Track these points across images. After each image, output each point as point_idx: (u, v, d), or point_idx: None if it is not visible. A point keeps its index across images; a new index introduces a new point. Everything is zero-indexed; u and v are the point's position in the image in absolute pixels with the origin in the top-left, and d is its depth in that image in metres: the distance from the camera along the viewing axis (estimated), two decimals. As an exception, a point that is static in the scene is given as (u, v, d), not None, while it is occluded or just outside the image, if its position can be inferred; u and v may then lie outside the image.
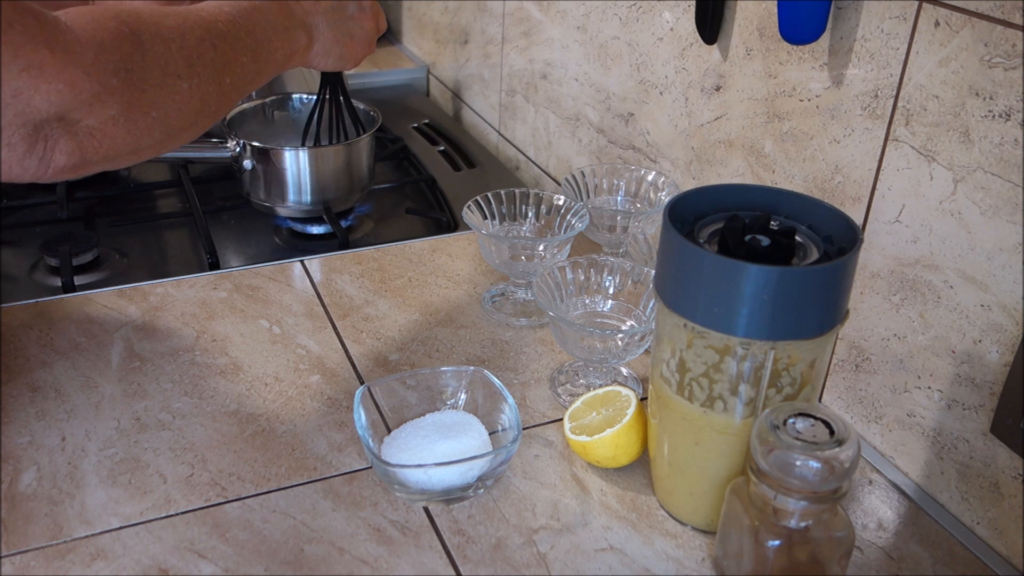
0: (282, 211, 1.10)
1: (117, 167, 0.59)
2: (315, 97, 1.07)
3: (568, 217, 0.93)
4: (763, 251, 0.60)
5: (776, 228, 0.63)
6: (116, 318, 0.89)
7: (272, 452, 0.74)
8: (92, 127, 0.54)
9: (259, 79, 0.68)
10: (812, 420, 0.57)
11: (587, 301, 0.85)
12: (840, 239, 0.62)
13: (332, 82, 1.05)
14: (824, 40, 0.75)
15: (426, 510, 0.69)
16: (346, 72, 1.42)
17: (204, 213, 1.10)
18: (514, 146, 1.36)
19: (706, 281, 0.58)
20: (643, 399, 0.80)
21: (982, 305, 0.66)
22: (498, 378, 0.75)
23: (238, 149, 1.06)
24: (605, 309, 0.85)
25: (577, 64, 1.14)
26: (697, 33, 0.89)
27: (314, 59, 0.77)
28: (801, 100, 0.79)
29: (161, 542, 0.65)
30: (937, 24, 0.65)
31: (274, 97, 1.18)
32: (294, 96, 1.18)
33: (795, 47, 0.78)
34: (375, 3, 0.87)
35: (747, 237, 0.61)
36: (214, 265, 1.01)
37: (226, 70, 0.63)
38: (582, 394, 0.77)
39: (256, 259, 1.06)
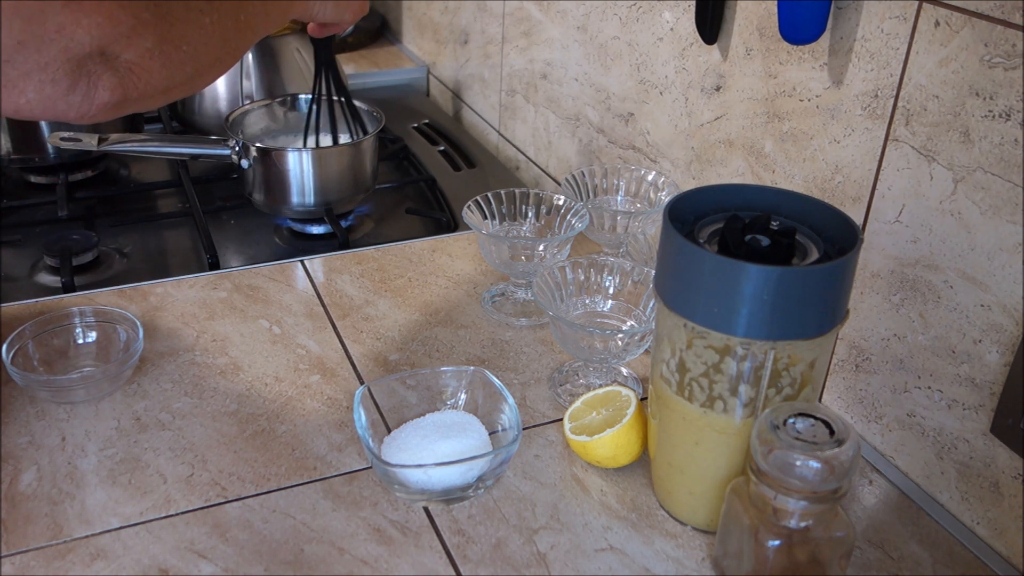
0: (285, 213, 1.10)
1: (152, 107, 0.62)
2: (311, 95, 1.07)
3: (568, 217, 0.93)
4: (763, 251, 0.60)
5: (776, 228, 0.63)
6: (116, 318, 0.89)
7: (272, 452, 0.74)
8: (131, 61, 0.57)
9: (268, 22, 0.72)
10: (812, 420, 0.57)
11: (587, 301, 0.85)
12: (840, 239, 0.62)
13: (325, 58, 1.04)
14: (824, 40, 0.75)
15: (426, 510, 0.69)
16: (346, 74, 1.42)
17: (204, 213, 1.10)
18: (514, 146, 1.36)
19: (706, 281, 0.58)
20: (643, 399, 0.80)
21: (982, 305, 0.66)
22: (498, 378, 0.75)
23: (238, 148, 1.06)
24: (605, 309, 0.85)
25: (577, 64, 1.14)
26: (697, 33, 0.89)
27: (313, 7, 0.79)
28: (801, 100, 0.79)
29: (161, 542, 0.65)
30: (937, 24, 0.65)
31: (279, 98, 1.18)
32: (300, 97, 1.18)
33: (795, 47, 0.78)
34: None
35: (747, 237, 0.61)
36: (214, 265, 1.01)
37: (240, 8, 0.67)
38: (582, 394, 0.77)
39: (256, 259, 1.06)
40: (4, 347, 0.78)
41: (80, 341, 0.83)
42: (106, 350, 0.83)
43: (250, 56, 1.25)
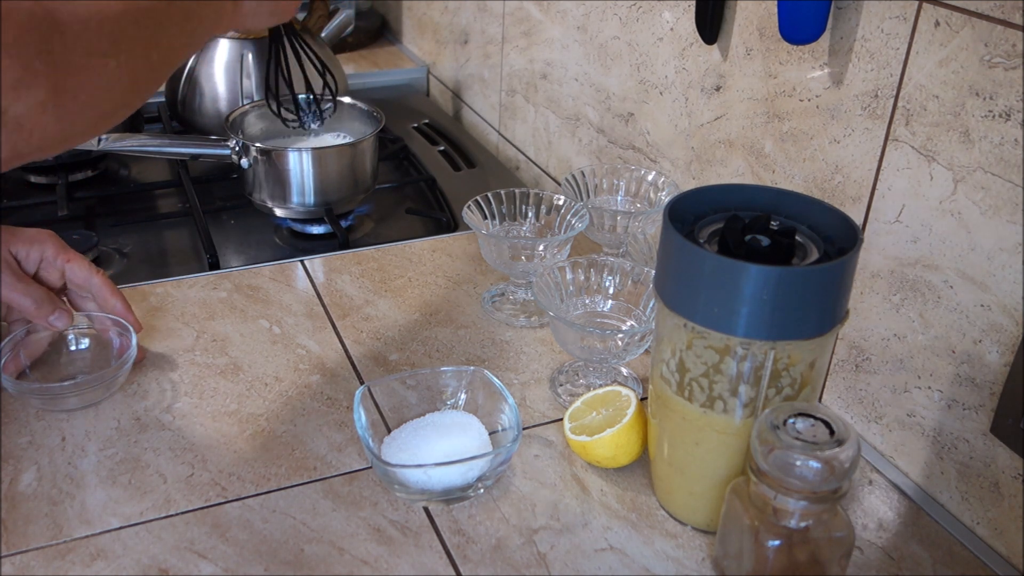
0: (285, 213, 1.10)
1: (48, 155, 0.57)
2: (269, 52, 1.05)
3: (568, 217, 0.93)
4: (763, 251, 0.60)
5: (776, 228, 0.63)
6: (116, 318, 0.89)
7: (272, 452, 0.74)
8: (20, 116, 0.51)
9: (189, 50, 0.66)
10: (812, 420, 0.57)
11: (587, 301, 0.85)
12: (840, 239, 0.62)
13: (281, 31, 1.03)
14: (824, 40, 0.75)
15: (426, 510, 0.69)
16: (346, 73, 1.42)
17: (204, 213, 1.10)
18: (514, 146, 1.36)
19: (706, 281, 0.58)
20: (643, 399, 0.80)
21: (982, 305, 0.66)
22: (498, 378, 0.75)
23: (238, 148, 1.06)
24: (605, 309, 0.85)
25: (577, 64, 1.14)
26: (697, 33, 0.89)
27: (245, 20, 0.74)
28: (801, 100, 0.79)
29: (161, 542, 0.65)
30: (937, 24, 0.65)
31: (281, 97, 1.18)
32: (300, 97, 1.18)
33: (795, 47, 0.78)
34: None
35: (747, 237, 0.61)
36: (214, 265, 1.01)
37: (153, 45, 0.61)
38: (582, 394, 0.77)
39: (256, 259, 1.06)
40: None
41: (73, 348, 0.83)
42: (99, 356, 0.82)
43: (250, 56, 1.25)
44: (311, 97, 1.10)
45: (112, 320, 0.82)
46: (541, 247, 0.90)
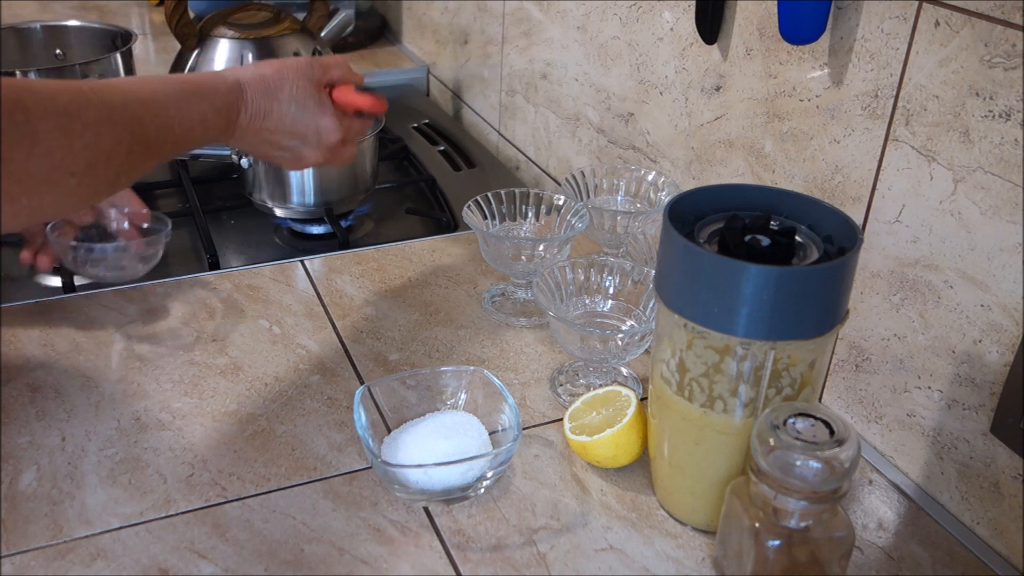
0: (285, 213, 1.10)
1: None
2: None
3: (568, 217, 0.93)
4: (763, 251, 0.60)
5: (776, 228, 0.63)
6: (116, 318, 0.89)
7: (272, 452, 0.74)
8: None
9: (153, 167, 0.63)
10: (812, 420, 0.57)
11: (587, 301, 0.85)
12: (840, 239, 0.62)
13: None
14: (824, 40, 0.75)
15: (426, 510, 0.69)
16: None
17: (204, 213, 1.10)
18: (514, 146, 1.36)
19: (706, 281, 0.58)
20: (643, 399, 0.80)
21: (982, 305, 0.66)
22: (498, 378, 0.75)
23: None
24: (605, 309, 0.85)
25: (577, 64, 1.14)
26: (697, 33, 0.89)
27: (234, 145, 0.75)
28: (801, 100, 0.79)
29: (161, 542, 0.65)
30: (937, 24, 0.65)
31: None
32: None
33: (795, 47, 0.78)
34: (335, 149, 0.78)
35: (747, 237, 0.61)
36: (214, 265, 1.01)
37: (128, 172, 0.57)
38: (582, 394, 0.77)
39: (256, 259, 1.06)
40: (48, 227, 0.82)
41: (114, 227, 0.90)
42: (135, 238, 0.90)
43: (250, 56, 1.25)
44: None
45: (129, 214, 0.89)
46: (541, 247, 0.90)
